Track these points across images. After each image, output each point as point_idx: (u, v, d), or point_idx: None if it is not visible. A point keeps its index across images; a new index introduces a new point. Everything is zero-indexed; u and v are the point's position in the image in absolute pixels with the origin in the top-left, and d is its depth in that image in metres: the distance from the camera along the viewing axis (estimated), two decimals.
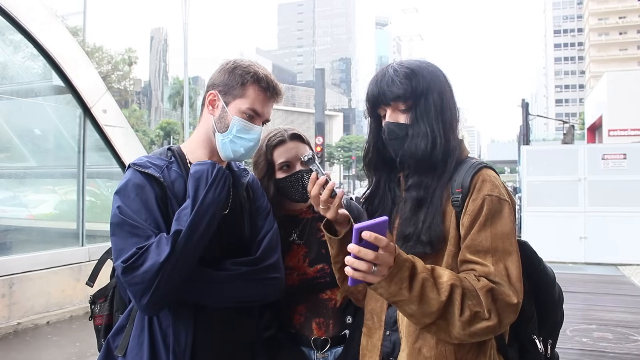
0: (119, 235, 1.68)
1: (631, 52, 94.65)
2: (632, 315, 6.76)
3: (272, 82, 1.84)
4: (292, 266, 2.10)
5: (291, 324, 2.10)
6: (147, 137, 61.17)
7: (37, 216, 8.95)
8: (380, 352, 1.63)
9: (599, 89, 26.51)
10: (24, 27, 6.75)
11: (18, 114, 8.26)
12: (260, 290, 1.82)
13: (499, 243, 1.46)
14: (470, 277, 1.43)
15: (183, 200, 1.75)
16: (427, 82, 1.61)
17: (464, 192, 1.53)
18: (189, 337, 1.72)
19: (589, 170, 10.93)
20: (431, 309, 1.36)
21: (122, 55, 42.82)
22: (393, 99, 1.62)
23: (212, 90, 1.86)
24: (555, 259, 10.64)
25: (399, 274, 1.34)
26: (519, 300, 1.42)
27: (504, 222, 1.48)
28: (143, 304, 1.60)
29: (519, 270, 1.46)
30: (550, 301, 1.70)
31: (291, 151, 2.10)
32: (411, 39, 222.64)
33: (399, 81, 1.60)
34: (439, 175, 1.59)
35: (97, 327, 2.00)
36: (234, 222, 1.87)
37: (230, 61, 1.87)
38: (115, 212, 1.70)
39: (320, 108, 21.65)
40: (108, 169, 8.49)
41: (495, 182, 1.53)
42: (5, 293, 6.01)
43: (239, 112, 1.81)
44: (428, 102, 1.60)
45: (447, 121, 1.62)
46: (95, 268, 2.10)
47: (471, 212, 1.49)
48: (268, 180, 2.11)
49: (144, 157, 1.84)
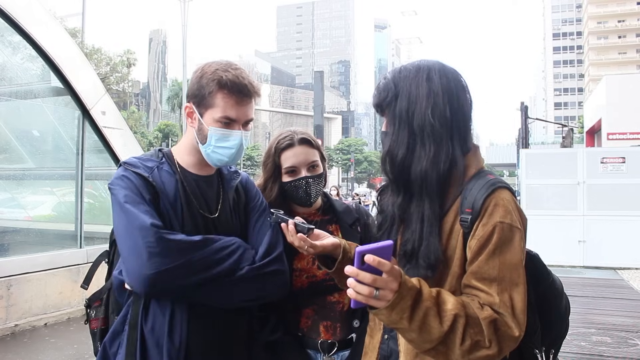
0: (135, 205, 1.69)
1: (630, 55, 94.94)
2: (631, 319, 6.74)
3: (240, 84, 1.78)
4: (302, 268, 2.11)
5: (298, 326, 2.11)
6: (145, 138, 61.25)
7: (35, 218, 8.93)
8: (378, 354, 1.63)
9: (598, 92, 26.52)
10: (22, 28, 6.73)
11: (16, 116, 8.25)
12: (267, 287, 1.82)
13: (507, 273, 1.40)
14: (475, 304, 1.38)
15: (174, 199, 1.77)
16: (397, 89, 1.55)
17: (474, 214, 1.45)
18: (183, 336, 1.72)
19: (588, 174, 10.92)
20: (431, 337, 1.32)
21: (121, 57, 42.80)
22: (380, 111, 1.62)
23: (188, 103, 1.85)
24: (554, 263, 10.64)
25: (402, 303, 1.28)
26: (521, 333, 1.39)
27: (514, 251, 1.42)
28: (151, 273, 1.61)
29: (524, 303, 1.41)
30: (557, 313, 1.67)
31: (298, 156, 2.11)
32: (410, 42, 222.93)
33: (374, 93, 1.61)
34: (418, 189, 1.51)
35: (92, 330, 1.99)
36: (224, 226, 1.87)
37: (199, 68, 1.84)
38: (122, 193, 1.72)
39: (319, 111, 21.70)
40: (107, 170, 8.46)
41: (508, 208, 1.45)
42: (2, 295, 5.99)
43: (213, 122, 1.78)
44: (395, 109, 1.55)
45: (417, 127, 1.51)
46: (90, 270, 2.10)
47: (480, 237, 1.43)
48: (273, 182, 2.13)
49: (134, 157, 1.84)
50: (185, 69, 35.31)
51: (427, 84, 1.53)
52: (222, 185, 1.95)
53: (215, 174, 1.95)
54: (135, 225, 1.64)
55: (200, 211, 1.83)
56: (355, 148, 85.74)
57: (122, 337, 1.77)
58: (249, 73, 1.85)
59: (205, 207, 1.86)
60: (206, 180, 1.91)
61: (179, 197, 1.79)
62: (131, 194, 1.70)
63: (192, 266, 1.64)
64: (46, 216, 9.12)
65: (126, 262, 1.69)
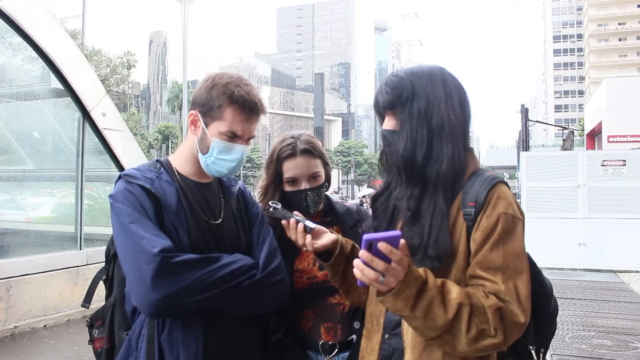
0: (139, 225, 1.67)
1: (631, 58, 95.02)
2: (631, 322, 6.73)
3: (251, 101, 1.79)
4: (302, 269, 2.13)
5: (299, 328, 2.12)
6: (145, 140, 61.28)
7: (35, 219, 8.94)
8: (379, 356, 1.63)
9: (598, 95, 26.53)
10: (23, 30, 6.74)
11: (17, 117, 8.26)
12: (268, 300, 1.83)
13: (511, 262, 1.45)
14: (480, 293, 1.42)
15: (176, 208, 1.76)
16: (414, 88, 1.59)
17: (477, 207, 1.51)
18: (199, 344, 1.71)
19: (589, 177, 10.91)
20: (436, 324, 1.37)
21: (121, 59, 42.73)
22: (384, 108, 1.63)
23: (193, 110, 1.84)
24: (554, 266, 10.65)
25: (407, 291, 1.34)
26: (526, 319, 1.42)
27: (517, 240, 1.48)
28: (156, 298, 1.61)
29: (528, 290, 1.46)
30: (546, 313, 1.71)
31: (299, 168, 2.12)
32: (410, 44, 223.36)
33: (386, 90, 1.61)
34: (433, 186, 1.56)
35: (96, 350, 1.97)
36: (228, 232, 1.88)
37: (210, 77, 1.84)
38: (125, 211, 1.70)
39: (319, 113, 21.72)
40: (107, 172, 8.47)
41: (510, 200, 1.52)
42: (2, 296, 5.98)
43: (218, 134, 1.78)
44: (412, 108, 1.58)
45: (436, 127, 1.56)
46: (90, 288, 2.07)
47: (485, 228, 1.48)
48: (275, 189, 2.14)
49: (133, 169, 1.83)
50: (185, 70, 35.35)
51: (443, 86, 1.59)
52: (222, 192, 1.95)
53: (215, 181, 1.96)
54: (140, 249, 1.63)
55: (204, 218, 1.83)
56: (355, 150, 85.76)
57: (137, 354, 1.75)
58: (247, 77, 1.86)
59: (209, 214, 1.85)
60: (207, 187, 1.91)
61: (182, 205, 1.78)
62: (134, 212, 1.69)
63: (196, 286, 1.64)
64: (46, 218, 9.12)
65: (131, 285, 1.68)
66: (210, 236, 1.81)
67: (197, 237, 1.77)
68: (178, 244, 1.70)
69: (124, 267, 1.70)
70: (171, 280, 1.61)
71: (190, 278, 1.64)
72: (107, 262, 1.98)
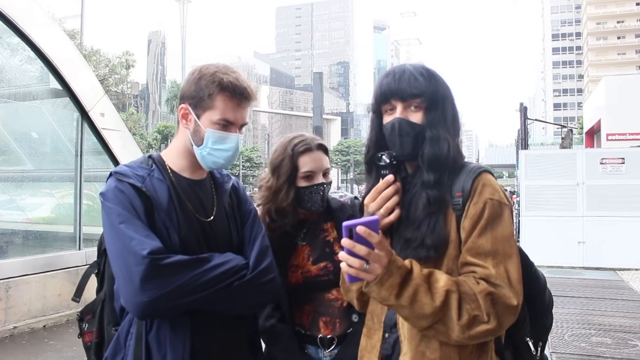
0: (128, 226, 1.65)
1: (629, 56, 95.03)
2: (630, 320, 6.74)
3: (241, 87, 1.78)
4: (297, 264, 2.15)
5: (300, 323, 2.14)
6: (144, 140, 61.19)
7: (34, 219, 8.92)
8: (379, 354, 1.63)
9: (597, 93, 26.51)
10: (21, 30, 6.73)
11: (15, 117, 8.25)
12: (258, 299, 1.84)
13: (500, 246, 1.47)
14: (470, 280, 1.44)
15: (167, 206, 1.74)
16: (445, 89, 1.64)
17: (464, 196, 1.54)
18: (186, 343, 1.71)
19: (588, 175, 10.91)
20: (424, 312, 1.39)
21: (120, 59, 42.62)
22: (411, 96, 1.60)
23: (183, 104, 1.82)
24: (553, 264, 10.66)
25: (390, 280, 1.38)
26: (519, 302, 1.44)
27: (505, 225, 1.50)
28: (145, 300, 1.59)
29: (519, 273, 1.48)
30: (540, 305, 1.72)
31: (317, 162, 2.14)
32: (409, 43, 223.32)
33: (422, 80, 1.60)
34: (446, 179, 1.60)
35: (86, 344, 1.98)
36: (220, 229, 1.86)
37: (196, 70, 1.83)
38: (115, 211, 1.68)
39: (318, 112, 21.69)
40: (105, 172, 8.42)
41: (495, 187, 1.55)
42: (1, 297, 5.98)
43: (211, 124, 1.77)
44: (445, 109, 1.62)
45: (457, 129, 1.65)
46: (81, 283, 2.07)
47: (472, 215, 1.50)
48: (289, 186, 2.13)
49: (125, 166, 1.81)
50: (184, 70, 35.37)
51: (447, 84, 1.67)
52: (215, 189, 1.93)
53: (208, 178, 1.93)
54: (129, 251, 1.61)
55: (195, 215, 1.81)
56: (354, 149, 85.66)
57: (125, 351, 1.74)
58: (246, 76, 1.85)
59: (200, 211, 1.83)
60: (199, 184, 1.88)
61: (173, 203, 1.76)
62: (124, 212, 1.67)
63: (185, 288, 1.63)
64: (45, 218, 9.10)
65: (120, 286, 1.67)
66: (202, 234, 1.80)
67: (188, 235, 1.75)
68: (168, 243, 1.69)
69: (114, 268, 1.68)
70: (160, 282, 1.60)
71: (179, 280, 1.62)
72: (99, 257, 1.99)
